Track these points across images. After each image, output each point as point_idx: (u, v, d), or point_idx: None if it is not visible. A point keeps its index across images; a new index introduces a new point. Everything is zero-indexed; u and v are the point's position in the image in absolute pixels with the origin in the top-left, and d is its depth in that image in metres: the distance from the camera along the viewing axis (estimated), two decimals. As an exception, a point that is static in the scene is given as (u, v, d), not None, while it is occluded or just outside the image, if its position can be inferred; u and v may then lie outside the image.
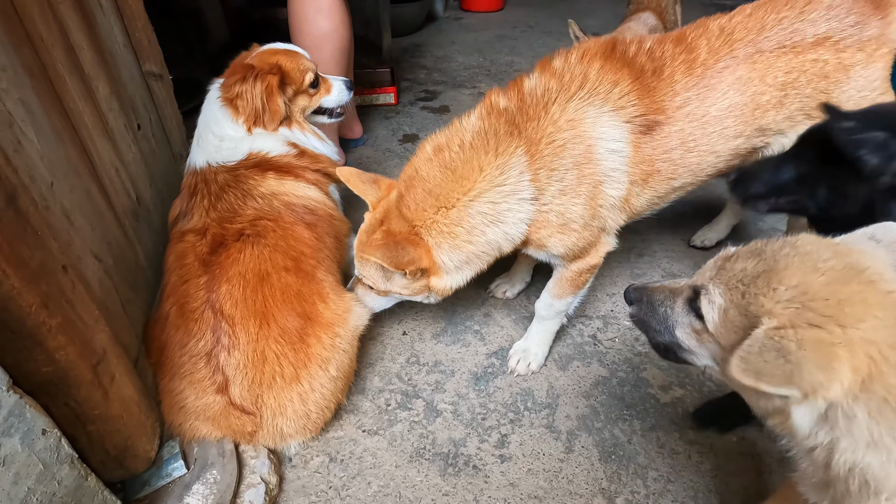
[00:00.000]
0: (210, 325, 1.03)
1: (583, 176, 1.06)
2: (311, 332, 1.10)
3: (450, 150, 1.05)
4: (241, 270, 1.06)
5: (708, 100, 1.09)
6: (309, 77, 1.34)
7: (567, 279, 1.25)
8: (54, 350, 0.76)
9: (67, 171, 0.93)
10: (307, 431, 1.14)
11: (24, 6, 0.88)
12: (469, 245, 1.07)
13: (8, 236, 0.68)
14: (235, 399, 1.04)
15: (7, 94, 0.78)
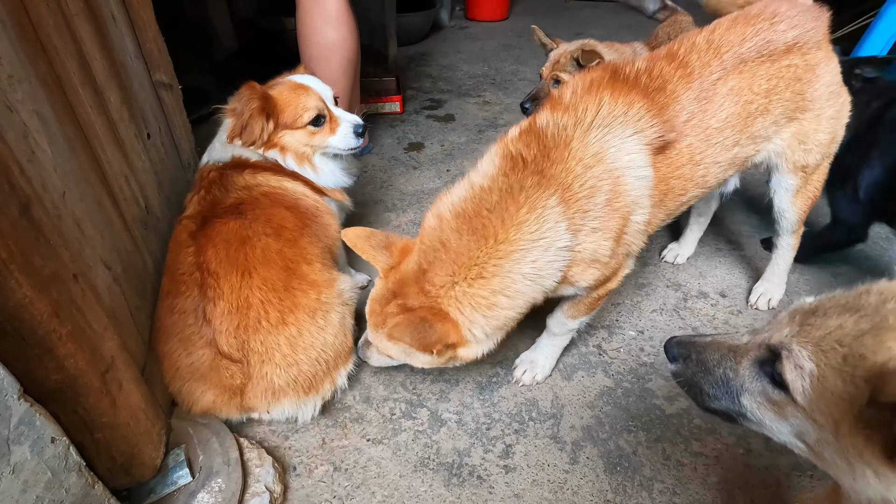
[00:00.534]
0: (197, 282, 1.10)
1: (614, 210, 1.03)
2: (296, 285, 1.16)
3: (479, 216, 0.99)
4: (225, 237, 1.15)
5: (708, 112, 1.09)
6: (308, 116, 1.33)
7: (586, 303, 1.25)
8: (64, 358, 0.77)
9: (79, 180, 0.94)
10: (300, 387, 1.15)
11: (39, 19, 0.90)
12: (509, 311, 1.02)
13: (21, 245, 0.69)
14: (223, 348, 1.08)
15: (22, 106, 0.79)
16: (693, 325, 1.55)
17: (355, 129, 1.39)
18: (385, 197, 2.15)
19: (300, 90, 1.36)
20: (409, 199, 2.15)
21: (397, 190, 2.20)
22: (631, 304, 1.63)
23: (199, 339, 1.09)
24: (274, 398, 1.14)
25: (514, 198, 0.97)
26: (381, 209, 2.08)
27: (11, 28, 0.80)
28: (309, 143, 1.37)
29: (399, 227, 1.98)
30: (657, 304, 1.63)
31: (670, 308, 1.61)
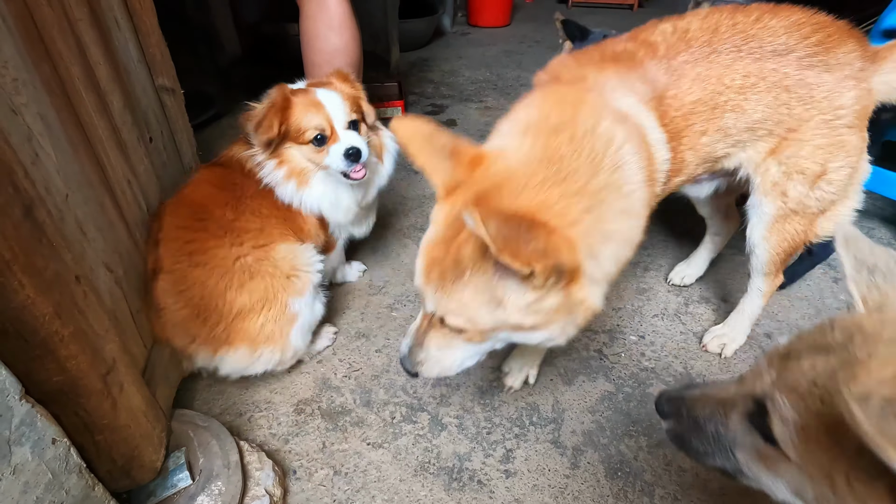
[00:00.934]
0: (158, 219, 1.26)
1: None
2: (230, 236, 1.24)
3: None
4: (185, 190, 1.31)
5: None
6: (309, 135, 1.32)
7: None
8: (66, 359, 0.77)
9: (82, 183, 0.94)
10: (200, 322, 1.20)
11: (44, 24, 0.91)
12: (623, 250, 0.85)
13: (24, 247, 0.69)
14: (154, 265, 1.20)
15: (27, 109, 0.80)
16: (694, 330, 1.55)
17: (345, 152, 1.32)
18: (386, 201, 2.15)
19: (311, 107, 1.33)
20: (410, 203, 2.15)
21: (398, 194, 2.21)
22: (632, 309, 1.63)
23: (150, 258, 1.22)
24: (173, 331, 1.21)
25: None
26: (382, 213, 2.08)
27: (17, 32, 0.81)
28: (311, 159, 1.36)
29: (400, 230, 1.98)
30: (658, 309, 1.63)
31: (672, 313, 1.61)
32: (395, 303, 1.65)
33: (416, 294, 1.68)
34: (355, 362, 1.45)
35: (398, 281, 1.74)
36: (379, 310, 1.62)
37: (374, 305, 1.64)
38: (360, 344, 1.50)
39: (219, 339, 1.22)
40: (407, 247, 1.90)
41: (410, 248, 1.89)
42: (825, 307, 1.62)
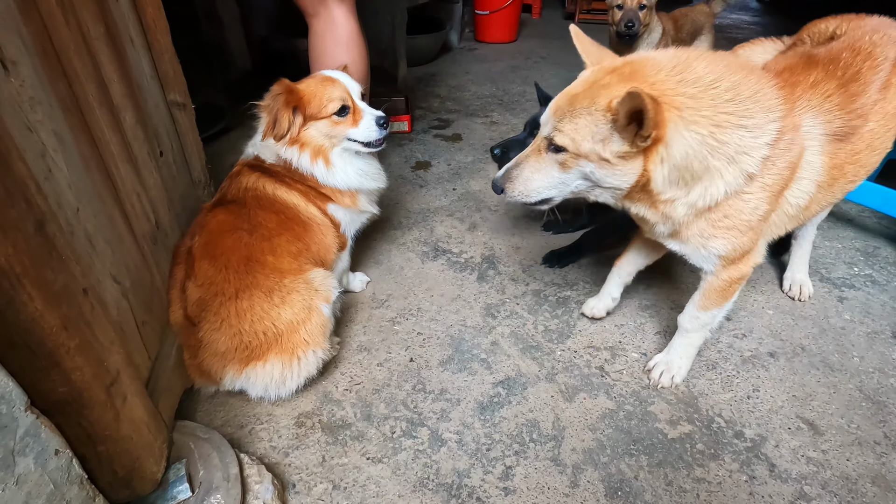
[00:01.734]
0: (185, 260, 1.30)
1: (784, 178, 1.09)
2: (257, 269, 1.28)
3: (729, 66, 1.01)
4: (211, 227, 1.32)
5: (887, 98, 1.16)
6: (333, 106, 1.41)
7: (716, 289, 1.26)
8: (71, 371, 0.79)
9: (92, 197, 0.97)
10: (239, 353, 1.24)
11: (61, 42, 0.94)
12: (708, 151, 0.98)
13: (35, 261, 0.71)
14: (188, 312, 1.26)
15: (42, 126, 0.82)
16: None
17: (377, 121, 1.46)
18: (391, 215, 2.17)
19: (327, 81, 1.44)
20: (416, 217, 2.17)
21: (404, 208, 2.23)
22: (635, 326, 1.63)
23: (178, 305, 1.28)
24: (222, 361, 1.25)
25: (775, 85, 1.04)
26: (388, 227, 2.10)
27: (35, 52, 0.84)
28: (330, 134, 1.44)
29: (404, 244, 2.00)
30: (661, 326, 1.62)
31: (674, 330, 1.60)
32: (398, 316, 1.66)
33: (419, 308, 1.68)
34: (356, 375, 1.45)
35: (401, 294, 1.75)
36: (381, 323, 1.63)
37: (376, 319, 1.65)
38: (361, 357, 1.51)
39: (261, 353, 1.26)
40: (411, 261, 1.91)
41: (414, 263, 1.90)
42: (829, 326, 1.61)
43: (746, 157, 1.01)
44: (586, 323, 1.64)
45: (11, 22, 0.78)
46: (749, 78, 1.01)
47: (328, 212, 1.49)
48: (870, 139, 1.16)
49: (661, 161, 0.99)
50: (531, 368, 1.47)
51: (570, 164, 1.06)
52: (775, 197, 1.10)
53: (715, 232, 1.12)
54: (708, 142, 0.97)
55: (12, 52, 0.77)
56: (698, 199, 1.05)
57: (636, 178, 1.03)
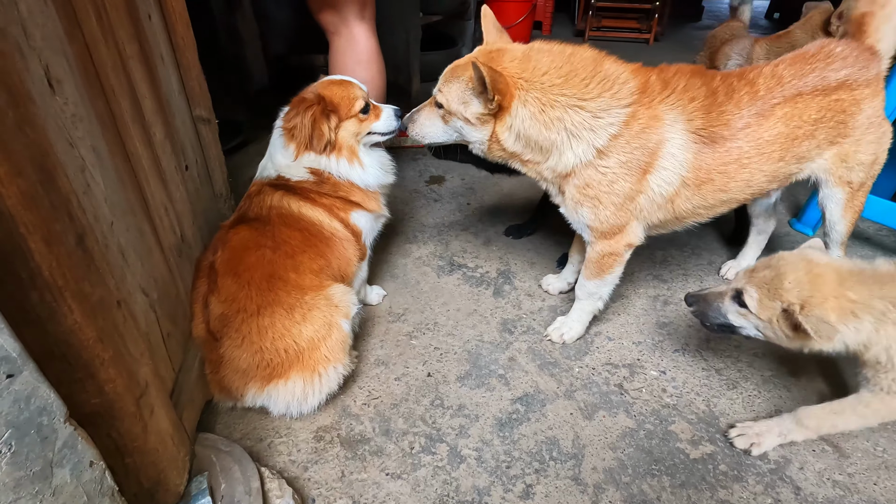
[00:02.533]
0: (208, 275, 1.30)
1: (646, 157, 1.26)
2: (279, 286, 1.28)
3: (586, 62, 1.24)
4: (234, 244, 1.32)
5: (763, 127, 1.30)
6: (359, 104, 1.47)
7: (593, 261, 1.45)
8: (104, 382, 0.80)
9: (125, 211, 0.99)
10: (261, 370, 1.24)
11: (101, 61, 0.97)
12: (541, 124, 1.23)
13: (75, 274, 0.73)
14: (211, 327, 1.27)
15: (82, 142, 0.85)
16: (717, 367, 1.53)
17: (395, 113, 1.56)
18: (406, 229, 2.19)
19: (346, 84, 1.49)
20: (430, 231, 2.18)
21: (418, 222, 2.24)
22: (652, 343, 1.62)
23: (201, 318, 1.29)
24: (243, 378, 1.25)
25: (616, 80, 1.25)
26: (403, 241, 2.11)
27: (77, 71, 0.87)
28: (358, 132, 1.49)
29: (420, 258, 2.01)
30: (679, 344, 1.61)
31: (693, 348, 1.60)
32: (415, 330, 1.66)
33: (436, 323, 1.69)
34: (374, 390, 1.45)
35: (417, 308, 1.75)
36: (398, 337, 1.64)
37: (393, 333, 1.65)
38: (379, 371, 1.51)
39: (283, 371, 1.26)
40: (426, 275, 1.92)
41: (430, 277, 1.91)
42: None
43: (590, 133, 1.24)
44: (604, 340, 1.63)
45: (58, 43, 0.81)
46: (597, 68, 1.24)
47: (350, 222, 1.50)
48: (738, 155, 1.30)
49: (508, 128, 1.27)
50: (549, 385, 1.47)
51: (448, 118, 1.35)
52: (634, 176, 1.28)
53: (582, 200, 1.33)
54: (538, 117, 1.23)
55: (58, 71, 0.80)
56: (556, 164, 1.30)
57: (489, 136, 1.31)
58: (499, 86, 1.19)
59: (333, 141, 1.44)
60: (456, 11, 4.13)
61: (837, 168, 1.43)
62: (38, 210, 0.66)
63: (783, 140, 1.32)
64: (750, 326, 1.20)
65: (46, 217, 0.68)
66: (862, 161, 1.41)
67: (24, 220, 0.64)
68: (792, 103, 1.30)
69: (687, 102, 1.27)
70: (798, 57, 1.35)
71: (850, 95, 1.33)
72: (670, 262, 2.00)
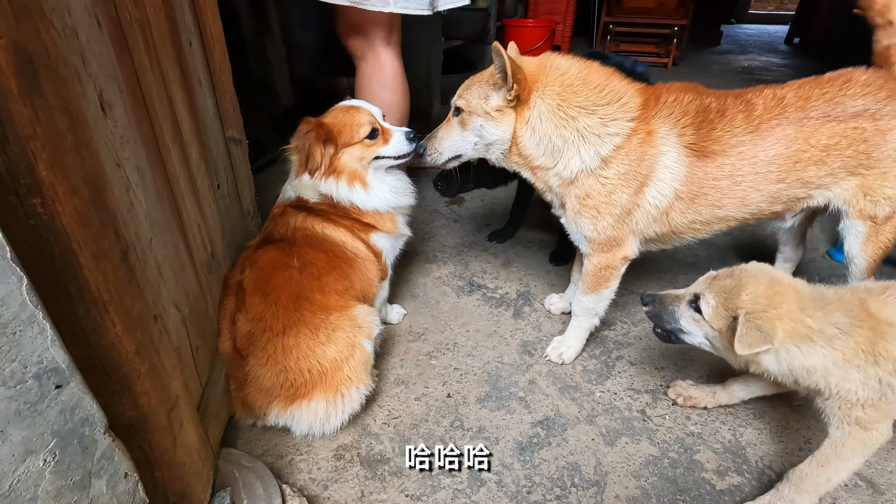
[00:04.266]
0: (235, 293, 1.33)
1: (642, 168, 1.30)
2: (305, 306, 1.30)
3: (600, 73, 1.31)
4: (261, 264, 1.35)
5: (759, 145, 1.31)
6: (364, 130, 1.48)
7: (590, 274, 1.48)
8: (140, 395, 0.82)
9: (163, 228, 1.02)
10: (284, 390, 1.25)
11: (147, 85, 1.02)
12: (557, 120, 1.29)
13: (119, 289, 0.76)
14: (237, 345, 1.28)
15: (128, 162, 0.89)
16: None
17: (406, 136, 1.56)
18: (426, 248, 2.21)
19: (352, 110, 1.52)
20: (450, 251, 2.20)
21: (438, 242, 2.27)
22: (675, 369, 1.59)
23: (228, 335, 1.31)
24: (267, 397, 1.26)
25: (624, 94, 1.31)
26: (423, 260, 2.13)
27: (126, 95, 0.91)
28: (364, 156, 1.50)
29: (440, 278, 2.02)
30: (703, 371, 1.59)
31: (717, 376, 1.57)
32: (435, 350, 1.66)
33: (455, 343, 1.69)
34: (394, 409, 1.45)
35: (437, 328, 1.76)
36: (418, 357, 1.64)
37: (413, 352, 1.66)
38: (399, 391, 1.51)
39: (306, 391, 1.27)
40: (446, 295, 1.93)
41: (450, 297, 1.92)
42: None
43: (597, 139, 1.28)
44: (625, 364, 1.61)
45: (110, 69, 0.86)
46: (608, 80, 1.30)
47: (371, 243, 1.53)
48: (730, 171, 1.32)
49: (526, 122, 1.31)
50: (570, 409, 1.45)
51: (466, 120, 1.38)
52: (632, 188, 1.32)
53: (581, 210, 1.36)
54: (556, 112, 1.28)
55: (110, 96, 0.84)
56: (563, 170, 1.33)
57: (511, 130, 1.34)
58: (518, 76, 1.25)
59: (328, 166, 1.46)
60: (476, 36, 4.23)
61: (858, 200, 1.38)
62: (89, 227, 0.69)
63: (782, 161, 1.32)
64: (699, 334, 1.17)
65: (96, 234, 0.71)
66: (889, 196, 1.35)
67: (77, 237, 0.67)
68: (796, 126, 1.30)
69: (679, 117, 1.32)
70: (809, 81, 1.35)
71: (874, 125, 1.29)
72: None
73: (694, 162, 1.32)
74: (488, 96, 1.33)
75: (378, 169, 1.56)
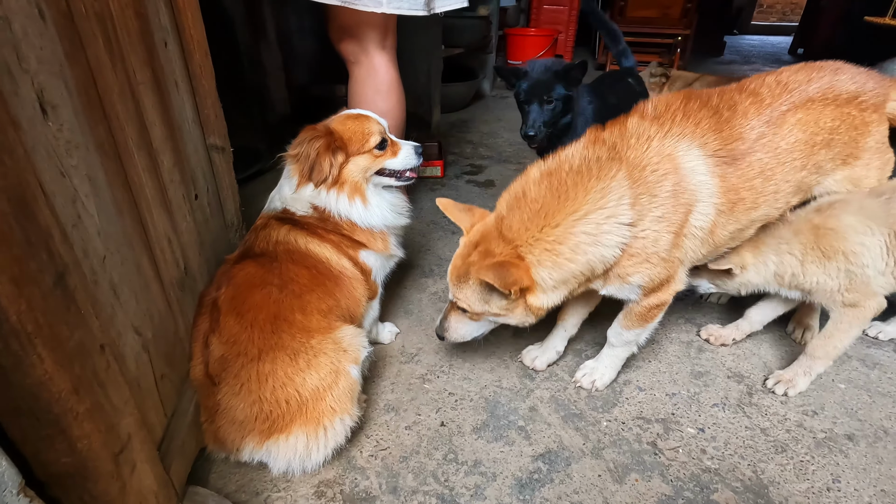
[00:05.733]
0: (210, 312, 1.20)
1: (678, 203, 1.16)
2: (283, 327, 1.18)
3: (558, 174, 1.14)
4: (238, 280, 1.23)
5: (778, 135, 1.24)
6: (374, 140, 1.40)
7: (637, 313, 1.33)
8: (78, 439, 0.71)
9: (121, 243, 0.92)
10: (259, 423, 1.13)
11: (106, 87, 0.92)
12: (569, 264, 1.12)
13: (50, 318, 0.65)
14: (209, 370, 1.16)
15: (76, 171, 0.79)
16: (762, 425, 1.38)
17: (415, 150, 1.49)
18: (422, 262, 2.10)
19: (362, 118, 1.42)
20: (447, 265, 2.08)
21: (435, 255, 2.16)
22: (688, 396, 1.47)
23: (200, 359, 1.18)
24: (240, 430, 1.13)
25: (589, 165, 1.14)
26: (418, 274, 2.02)
27: (77, 96, 0.82)
28: (368, 167, 1.42)
29: (436, 293, 1.91)
30: (718, 398, 1.47)
31: (733, 403, 1.45)
32: (428, 373, 1.55)
33: (451, 364, 1.58)
34: (383, 439, 1.34)
35: (432, 349, 1.65)
36: (411, 380, 1.53)
37: (405, 375, 1.54)
38: (388, 418, 1.40)
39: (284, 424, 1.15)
40: (442, 311, 1.81)
41: (446, 314, 1.80)
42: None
43: (606, 234, 1.11)
44: (634, 390, 1.50)
45: (56, 65, 0.76)
46: (557, 186, 1.13)
47: (359, 260, 1.42)
48: (761, 168, 1.23)
49: (543, 292, 1.15)
50: (575, 441, 1.33)
51: (475, 317, 1.28)
52: (675, 224, 1.17)
53: (629, 269, 1.20)
54: (560, 263, 1.11)
55: (54, 96, 0.74)
56: (597, 268, 1.15)
57: (525, 313, 1.20)
58: (508, 280, 1.08)
59: (335, 177, 1.36)
60: (478, 45, 4.15)
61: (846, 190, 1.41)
62: (8, 247, 0.59)
63: (802, 146, 1.27)
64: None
65: (20, 255, 0.61)
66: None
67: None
68: (804, 109, 1.26)
69: (693, 128, 1.20)
70: (805, 65, 1.36)
71: (861, 116, 1.32)
72: (703, 305, 1.86)
73: (725, 170, 1.20)
74: (488, 300, 1.19)
75: (377, 185, 1.47)
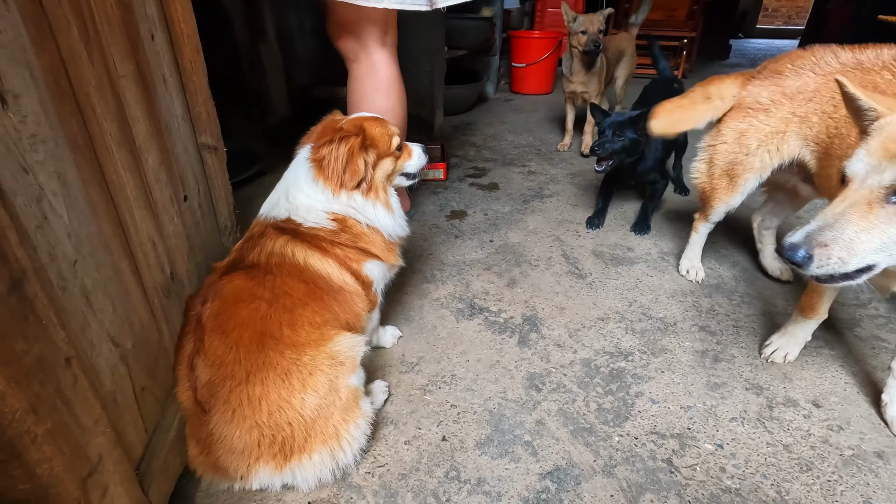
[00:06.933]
0: (194, 330, 1.10)
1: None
2: (269, 345, 1.07)
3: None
4: (225, 294, 1.12)
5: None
6: (395, 141, 1.36)
7: None
8: (36, 463, 0.64)
9: (97, 247, 0.85)
10: (267, 448, 1.04)
11: (80, 79, 0.85)
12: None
13: (2, 329, 0.58)
14: (198, 396, 1.06)
15: (41, 167, 0.72)
16: (784, 441, 1.29)
17: (423, 150, 1.49)
18: (424, 267, 2.03)
19: (381, 120, 1.36)
20: (450, 269, 2.02)
21: (437, 259, 2.09)
22: (704, 409, 1.39)
23: (187, 384, 1.08)
24: (238, 458, 1.04)
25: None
26: (419, 280, 1.95)
27: (45, 87, 0.75)
28: (392, 171, 1.38)
29: (438, 300, 1.83)
30: (736, 412, 1.38)
31: (753, 417, 1.36)
32: (429, 384, 1.47)
33: (453, 374, 1.50)
34: (380, 455, 1.26)
35: (433, 357, 1.57)
36: (411, 391, 1.45)
37: (405, 385, 1.47)
38: (387, 432, 1.32)
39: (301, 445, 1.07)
40: (444, 318, 1.74)
41: (448, 321, 1.73)
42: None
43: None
44: (646, 402, 1.41)
45: (19, 52, 0.70)
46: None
47: (362, 274, 1.32)
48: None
49: None
50: (584, 457, 1.25)
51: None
52: None
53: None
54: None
55: (15, 84, 0.68)
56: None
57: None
58: None
59: (370, 179, 1.28)
60: (481, 47, 4.10)
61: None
62: (-51, 250, 0.52)
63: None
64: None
65: (-36, 259, 0.54)
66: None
67: (-76, 263, 0.49)
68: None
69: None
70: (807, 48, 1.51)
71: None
72: (718, 311, 1.78)
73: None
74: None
75: (395, 188, 1.42)
